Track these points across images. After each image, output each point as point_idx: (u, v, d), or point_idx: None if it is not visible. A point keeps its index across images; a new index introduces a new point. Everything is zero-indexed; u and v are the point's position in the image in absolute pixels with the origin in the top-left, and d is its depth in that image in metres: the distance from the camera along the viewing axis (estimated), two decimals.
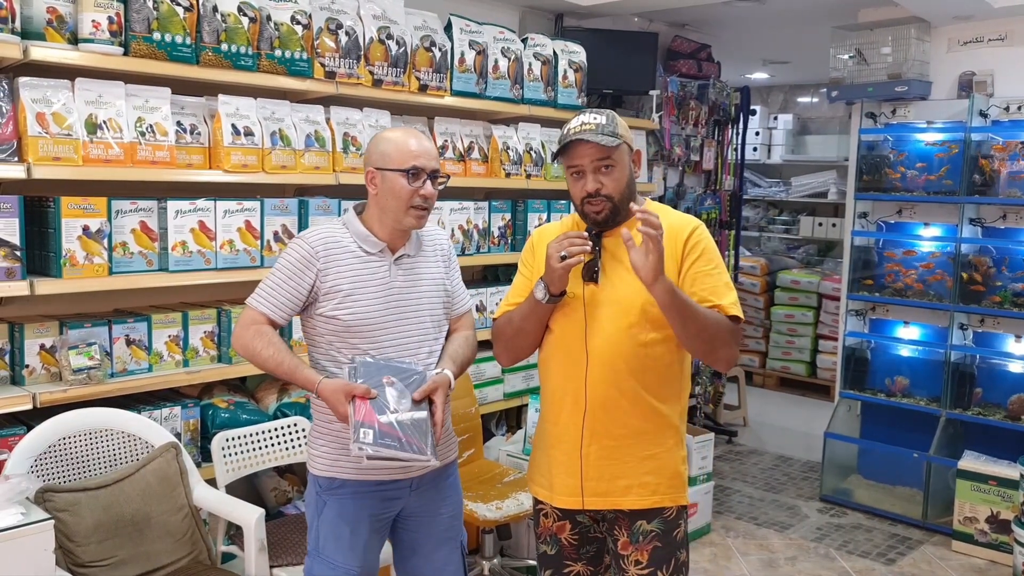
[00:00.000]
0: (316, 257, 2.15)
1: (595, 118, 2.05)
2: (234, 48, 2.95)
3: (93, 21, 2.61)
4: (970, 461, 4.23)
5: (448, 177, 2.27)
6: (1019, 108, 4.36)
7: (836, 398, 5.08)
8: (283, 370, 2.14)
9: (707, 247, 2.09)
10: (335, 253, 2.17)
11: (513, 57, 3.98)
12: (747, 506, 4.72)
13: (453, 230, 3.81)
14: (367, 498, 2.20)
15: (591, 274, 2.05)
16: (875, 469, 4.88)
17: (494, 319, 2.24)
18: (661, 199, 5.29)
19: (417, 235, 2.30)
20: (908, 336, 4.80)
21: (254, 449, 2.97)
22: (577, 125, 2.06)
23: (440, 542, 2.32)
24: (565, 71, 4.26)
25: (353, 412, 2.03)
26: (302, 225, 3.22)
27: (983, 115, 4.43)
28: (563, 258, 1.95)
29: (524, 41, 4.10)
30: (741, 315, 2.06)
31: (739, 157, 5.98)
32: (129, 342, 2.87)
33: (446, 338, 2.34)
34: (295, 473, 3.46)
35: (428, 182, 2.17)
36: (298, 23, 3.13)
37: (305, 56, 3.17)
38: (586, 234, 2.00)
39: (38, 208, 2.69)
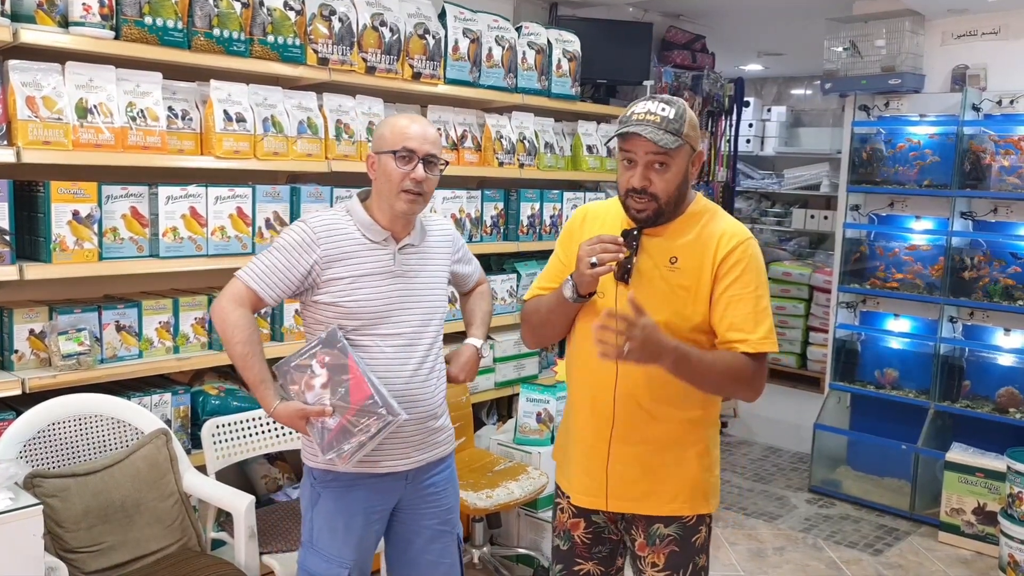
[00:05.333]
0: (317, 243, 2.12)
1: (663, 109, 1.86)
2: (226, 33, 2.93)
3: (84, 4, 2.59)
4: (958, 453, 4.26)
5: (446, 163, 2.23)
6: (1012, 102, 4.37)
7: (826, 390, 5.10)
8: (247, 375, 2.10)
9: (748, 267, 1.92)
10: (337, 240, 2.14)
11: (507, 46, 3.97)
12: (736, 496, 4.74)
13: (445, 218, 3.80)
14: (362, 491, 2.19)
15: (623, 273, 1.93)
16: (864, 460, 4.90)
17: (524, 300, 2.19)
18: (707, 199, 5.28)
19: (422, 225, 2.27)
20: (898, 329, 4.82)
21: (244, 436, 2.97)
22: (642, 112, 1.87)
23: (436, 535, 2.31)
24: (559, 60, 4.25)
25: (314, 431, 2.08)
26: (294, 212, 3.21)
27: (976, 109, 4.43)
28: (593, 265, 1.83)
29: (518, 30, 4.09)
30: (773, 348, 1.91)
31: (732, 148, 5.99)
32: (119, 328, 2.86)
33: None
34: (285, 460, 3.46)
35: (420, 166, 2.12)
36: (291, 9, 3.11)
37: (298, 42, 3.15)
38: (620, 239, 1.88)
39: (28, 192, 2.67)
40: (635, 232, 1.93)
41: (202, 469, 2.82)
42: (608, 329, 1.74)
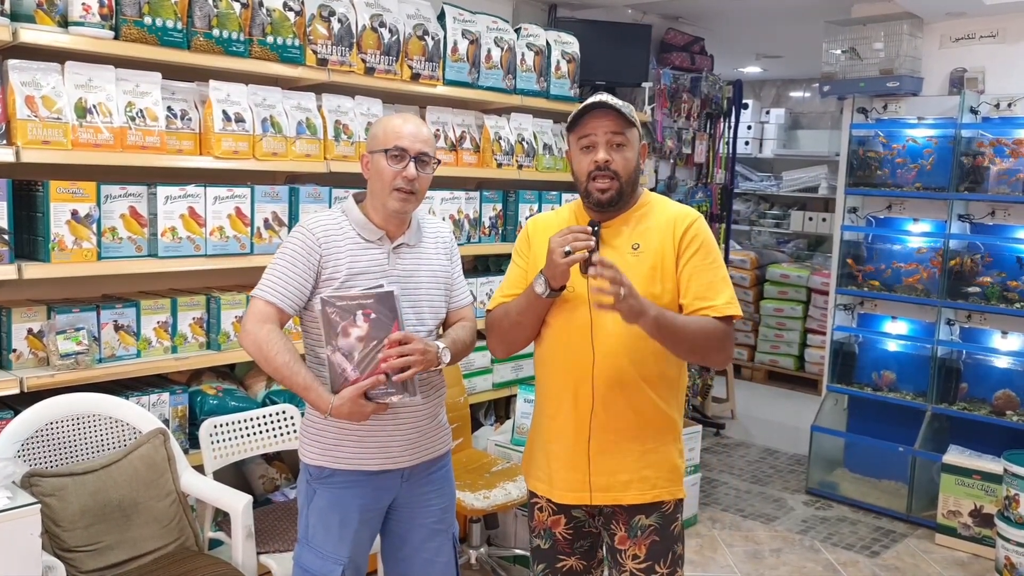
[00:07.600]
0: (317, 243, 2.14)
1: (611, 98, 2.05)
2: (225, 34, 2.93)
3: (83, 4, 2.60)
4: (955, 455, 4.27)
5: (438, 162, 2.24)
6: (1009, 105, 4.38)
7: (823, 392, 5.10)
8: (295, 381, 2.08)
9: (705, 240, 2.08)
10: (335, 240, 2.16)
11: (506, 47, 3.97)
12: (733, 498, 4.75)
13: (444, 220, 3.81)
14: (357, 488, 2.20)
15: (588, 267, 1.97)
16: (861, 462, 4.91)
17: (488, 311, 2.22)
18: (652, 191, 5.29)
19: (418, 225, 2.28)
20: (895, 331, 4.82)
21: (242, 436, 2.97)
22: (595, 100, 2.05)
23: (431, 533, 2.32)
24: (558, 62, 4.25)
25: (332, 371, 2.08)
26: (292, 212, 3.21)
27: (974, 112, 4.44)
28: (567, 253, 1.91)
29: (517, 31, 4.09)
30: (738, 313, 2.04)
31: (731, 151, 5.99)
32: (117, 327, 2.86)
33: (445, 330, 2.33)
34: (283, 460, 3.47)
35: (412, 164, 2.14)
36: (290, 9, 3.11)
37: (297, 43, 3.15)
38: (589, 228, 1.97)
39: (27, 192, 2.68)
40: (594, 227, 2.02)
41: (200, 469, 2.82)
42: (602, 275, 1.85)
